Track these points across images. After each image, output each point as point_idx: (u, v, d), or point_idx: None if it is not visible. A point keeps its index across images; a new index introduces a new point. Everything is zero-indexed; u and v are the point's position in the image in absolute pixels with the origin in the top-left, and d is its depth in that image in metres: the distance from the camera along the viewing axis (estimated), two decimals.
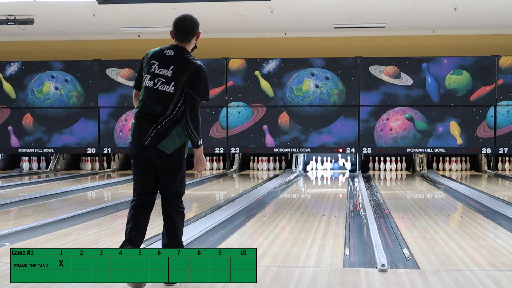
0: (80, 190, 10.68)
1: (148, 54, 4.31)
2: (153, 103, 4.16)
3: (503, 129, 14.21)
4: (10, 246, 5.32)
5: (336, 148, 14.54)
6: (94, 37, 15.17)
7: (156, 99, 4.16)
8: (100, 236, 6.11)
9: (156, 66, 4.22)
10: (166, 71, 4.20)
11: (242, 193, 10.11)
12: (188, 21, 4.34)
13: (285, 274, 4.43)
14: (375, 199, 9.29)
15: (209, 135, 14.50)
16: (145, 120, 4.17)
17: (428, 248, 5.41)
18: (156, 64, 4.22)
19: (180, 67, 4.20)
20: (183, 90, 4.16)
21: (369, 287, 4.11)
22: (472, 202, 8.89)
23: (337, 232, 6.30)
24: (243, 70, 14.44)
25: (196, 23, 4.38)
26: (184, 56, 4.26)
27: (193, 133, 4.18)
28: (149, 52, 4.32)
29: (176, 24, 4.34)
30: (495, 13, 12.56)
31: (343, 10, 12.26)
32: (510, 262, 4.87)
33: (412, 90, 14.28)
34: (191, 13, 4.49)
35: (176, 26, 4.33)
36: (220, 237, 5.98)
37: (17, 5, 11.73)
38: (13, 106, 15.04)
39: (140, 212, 4.24)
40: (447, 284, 4.16)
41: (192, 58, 4.29)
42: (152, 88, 4.18)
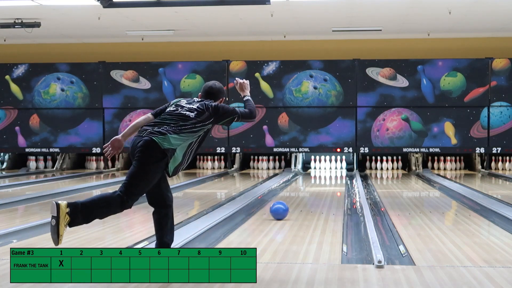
0: (85, 189, 10.73)
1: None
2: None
3: (496, 129, 14.31)
4: (13, 245, 5.30)
5: (334, 148, 14.62)
6: (99, 40, 15.20)
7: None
8: (105, 233, 6.05)
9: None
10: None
11: (242, 191, 10.13)
12: (214, 87, 4.90)
13: (285, 270, 4.44)
14: (372, 198, 9.31)
15: (210, 135, 14.57)
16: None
17: (423, 245, 5.42)
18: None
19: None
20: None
21: (366, 283, 4.10)
22: (466, 200, 8.91)
23: (335, 229, 6.32)
24: (243, 72, 14.50)
25: (221, 90, 4.93)
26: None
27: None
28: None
29: (204, 88, 4.92)
30: (488, 16, 12.57)
31: (341, 13, 12.26)
32: (503, 258, 4.88)
33: (408, 92, 14.39)
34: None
35: (204, 89, 4.92)
36: (222, 235, 5.99)
37: (24, 9, 11.73)
38: (20, 107, 15.16)
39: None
40: (442, 280, 4.16)
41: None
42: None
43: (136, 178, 4.45)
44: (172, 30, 13.78)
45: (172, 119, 4.63)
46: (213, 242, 5.60)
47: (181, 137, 4.56)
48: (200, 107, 4.70)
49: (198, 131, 4.63)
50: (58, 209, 4.16)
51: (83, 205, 4.29)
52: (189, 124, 4.60)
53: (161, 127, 4.56)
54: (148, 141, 4.48)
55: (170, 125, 4.58)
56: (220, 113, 4.72)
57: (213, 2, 10.39)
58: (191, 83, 14.77)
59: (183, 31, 13.91)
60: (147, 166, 4.45)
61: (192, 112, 4.66)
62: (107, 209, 4.41)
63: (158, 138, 4.49)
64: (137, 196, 4.48)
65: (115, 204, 4.40)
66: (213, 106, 4.72)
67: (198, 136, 4.65)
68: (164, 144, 4.48)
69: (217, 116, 4.71)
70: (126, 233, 6.23)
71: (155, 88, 14.91)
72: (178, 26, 13.45)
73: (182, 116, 4.64)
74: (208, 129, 4.71)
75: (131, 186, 4.43)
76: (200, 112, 4.67)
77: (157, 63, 14.94)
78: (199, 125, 4.64)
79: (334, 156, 15.58)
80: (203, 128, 4.66)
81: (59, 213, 4.15)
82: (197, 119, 4.63)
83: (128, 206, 4.45)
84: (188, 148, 4.62)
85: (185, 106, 4.72)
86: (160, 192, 4.64)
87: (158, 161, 4.47)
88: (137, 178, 4.44)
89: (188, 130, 4.59)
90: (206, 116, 4.67)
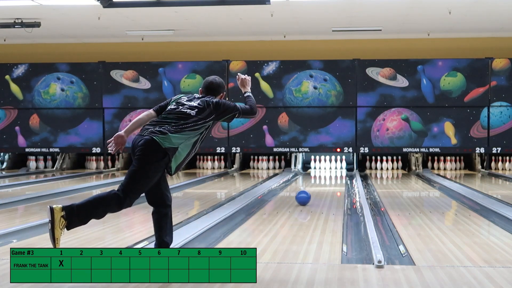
0: (85, 189, 10.71)
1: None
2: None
3: (496, 129, 14.33)
4: (13, 245, 5.30)
5: (334, 148, 14.64)
6: (99, 40, 15.22)
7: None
8: (105, 233, 6.04)
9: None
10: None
11: (242, 191, 10.13)
12: (215, 82, 4.92)
13: (285, 270, 4.45)
14: (372, 197, 9.30)
15: (210, 135, 14.60)
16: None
17: (423, 245, 5.42)
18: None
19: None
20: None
21: (366, 283, 4.11)
22: (466, 200, 8.91)
23: (335, 229, 6.32)
24: (243, 72, 14.39)
25: (221, 85, 4.95)
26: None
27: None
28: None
29: (204, 83, 4.95)
30: (488, 16, 12.60)
31: (341, 13, 12.28)
32: (503, 258, 4.88)
33: (408, 92, 14.41)
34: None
35: (204, 84, 4.94)
36: (222, 234, 5.99)
37: (24, 9, 11.74)
38: (20, 107, 15.18)
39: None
40: (442, 280, 4.17)
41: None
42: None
43: (136, 177, 4.46)
44: (172, 30, 13.79)
45: (173, 117, 4.63)
46: (213, 242, 5.61)
47: (182, 136, 4.57)
48: (201, 104, 4.71)
49: (199, 128, 4.64)
50: (52, 213, 4.20)
51: (79, 207, 4.32)
52: (190, 122, 4.61)
53: (162, 127, 4.57)
54: (149, 140, 4.49)
55: (171, 124, 4.59)
56: (221, 109, 4.73)
57: (213, 2, 10.41)
58: (191, 83, 14.77)
59: (183, 31, 13.92)
60: (147, 165, 4.46)
61: (193, 109, 4.67)
62: (104, 209, 4.42)
63: (159, 137, 4.49)
64: (136, 195, 4.48)
65: (112, 203, 4.41)
66: (214, 102, 4.73)
67: (201, 133, 4.66)
68: (165, 144, 4.49)
69: (218, 112, 4.72)
70: (126, 233, 6.23)
71: (155, 88, 14.92)
72: (178, 26, 13.46)
73: (183, 114, 4.65)
74: (209, 126, 4.72)
75: (131, 185, 4.44)
76: (201, 109, 4.67)
77: (157, 63, 14.95)
78: (201, 123, 4.65)
79: (334, 156, 15.58)
80: (204, 125, 4.67)
81: (54, 217, 4.20)
82: (198, 116, 4.64)
83: (127, 205, 4.45)
84: (192, 147, 4.65)
85: (186, 103, 4.73)
86: (160, 192, 4.64)
87: (159, 160, 4.48)
88: (137, 177, 4.45)
89: (190, 128, 4.60)
90: (207, 113, 4.68)
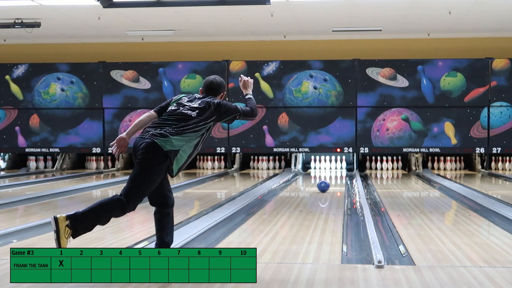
0: (85, 189, 10.74)
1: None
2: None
3: (496, 129, 14.34)
4: (13, 245, 5.29)
5: (334, 148, 14.65)
6: (99, 40, 15.23)
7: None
8: (105, 233, 6.04)
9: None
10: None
11: (242, 191, 10.15)
12: (215, 82, 4.90)
13: (285, 270, 4.45)
14: (372, 198, 9.32)
15: (210, 135, 14.57)
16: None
17: (423, 245, 5.44)
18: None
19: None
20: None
21: (366, 283, 4.12)
22: (466, 200, 8.93)
23: (335, 229, 6.33)
24: (243, 72, 14.44)
25: (222, 84, 4.92)
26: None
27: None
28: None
29: (205, 83, 4.93)
30: (488, 16, 12.61)
31: (341, 13, 12.29)
32: (503, 258, 4.89)
33: (408, 92, 14.42)
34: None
35: (205, 84, 4.93)
36: (221, 235, 6.00)
37: (24, 9, 11.75)
38: (20, 107, 15.19)
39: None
40: (442, 280, 4.18)
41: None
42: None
43: (138, 180, 4.46)
44: (172, 30, 13.79)
45: (174, 119, 4.63)
46: (213, 242, 5.61)
47: (183, 138, 4.57)
48: (201, 104, 4.70)
49: (200, 130, 4.64)
50: (56, 223, 4.20)
51: (82, 214, 4.32)
52: (191, 124, 4.60)
53: (163, 129, 4.56)
54: (150, 143, 4.49)
55: (171, 126, 4.58)
56: (223, 111, 4.72)
57: (213, 2, 10.42)
58: (191, 83, 14.77)
59: (183, 31, 13.93)
60: (149, 168, 4.46)
61: (193, 111, 4.66)
62: (108, 215, 4.43)
63: (160, 140, 4.49)
64: (140, 198, 4.48)
65: (115, 209, 4.41)
66: (216, 103, 4.72)
67: (202, 134, 4.66)
68: (166, 146, 4.49)
69: (219, 114, 4.71)
70: (126, 233, 6.25)
71: (155, 88, 14.92)
72: (178, 26, 13.47)
73: (183, 115, 4.64)
74: (210, 127, 4.71)
75: (133, 189, 4.45)
76: (201, 110, 4.67)
77: (157, 63, 14.96)
78: (201, 124, 4.64)
79: (334, 156, 15.60)
80: (205, 126, 4.66)
81: (58, 226, 4.19)
82: (199, 118, 4.64)
83: (130, 209, 4.46)
84: (194, 148, 4.64)
85: (187, 104, 4.72)
86: (162, 193, 4.64)
87: (160, 163, 4.48)
88: (139, 180, 4.45)
89: (190, 130, 4.59)
90: (208, 114, 4.67)
